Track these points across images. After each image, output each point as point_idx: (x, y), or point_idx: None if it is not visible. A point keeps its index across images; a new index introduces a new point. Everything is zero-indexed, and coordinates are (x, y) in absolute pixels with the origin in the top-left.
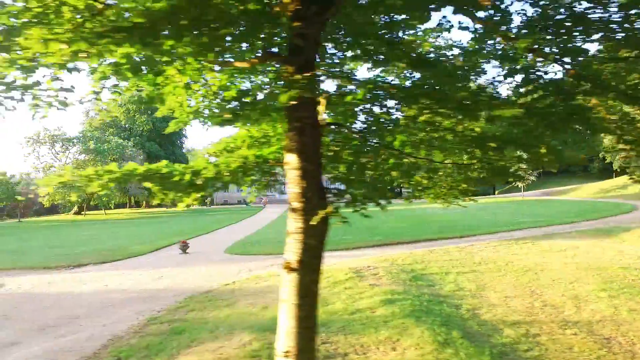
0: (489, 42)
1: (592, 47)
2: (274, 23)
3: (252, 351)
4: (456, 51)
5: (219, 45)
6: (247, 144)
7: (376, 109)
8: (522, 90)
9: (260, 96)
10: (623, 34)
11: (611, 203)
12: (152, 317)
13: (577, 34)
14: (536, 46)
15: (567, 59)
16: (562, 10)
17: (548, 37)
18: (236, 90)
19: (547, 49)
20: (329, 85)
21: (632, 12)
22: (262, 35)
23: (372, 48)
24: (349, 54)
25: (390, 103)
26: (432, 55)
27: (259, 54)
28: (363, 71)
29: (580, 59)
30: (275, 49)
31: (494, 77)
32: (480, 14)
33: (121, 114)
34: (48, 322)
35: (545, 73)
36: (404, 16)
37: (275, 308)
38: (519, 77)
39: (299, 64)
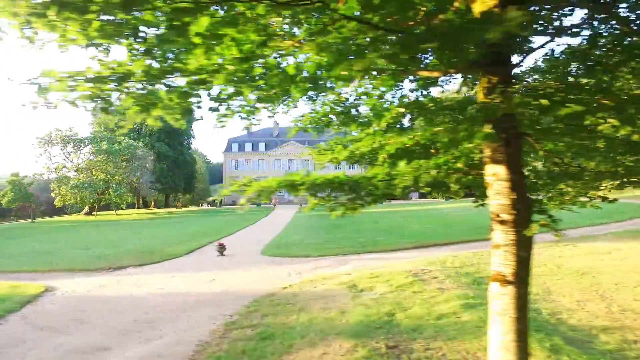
0: None
1: None
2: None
3: (362, 358)
4: None
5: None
6: (392, 151)
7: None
8: None
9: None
10: None
11: (629, 204)
12: (229, 322)
13: None
14: None
15: None
16: None
17: None
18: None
19: None
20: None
21: None
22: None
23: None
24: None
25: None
26: None
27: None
28: None
29: None
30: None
31: None
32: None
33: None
34: (126, 327)
35: None
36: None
37: (354, 313)
38: None
39: (505, 75)
